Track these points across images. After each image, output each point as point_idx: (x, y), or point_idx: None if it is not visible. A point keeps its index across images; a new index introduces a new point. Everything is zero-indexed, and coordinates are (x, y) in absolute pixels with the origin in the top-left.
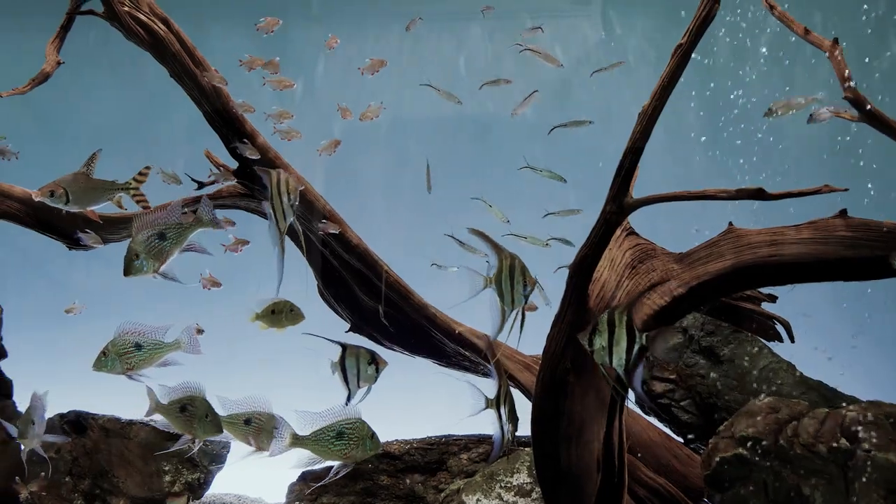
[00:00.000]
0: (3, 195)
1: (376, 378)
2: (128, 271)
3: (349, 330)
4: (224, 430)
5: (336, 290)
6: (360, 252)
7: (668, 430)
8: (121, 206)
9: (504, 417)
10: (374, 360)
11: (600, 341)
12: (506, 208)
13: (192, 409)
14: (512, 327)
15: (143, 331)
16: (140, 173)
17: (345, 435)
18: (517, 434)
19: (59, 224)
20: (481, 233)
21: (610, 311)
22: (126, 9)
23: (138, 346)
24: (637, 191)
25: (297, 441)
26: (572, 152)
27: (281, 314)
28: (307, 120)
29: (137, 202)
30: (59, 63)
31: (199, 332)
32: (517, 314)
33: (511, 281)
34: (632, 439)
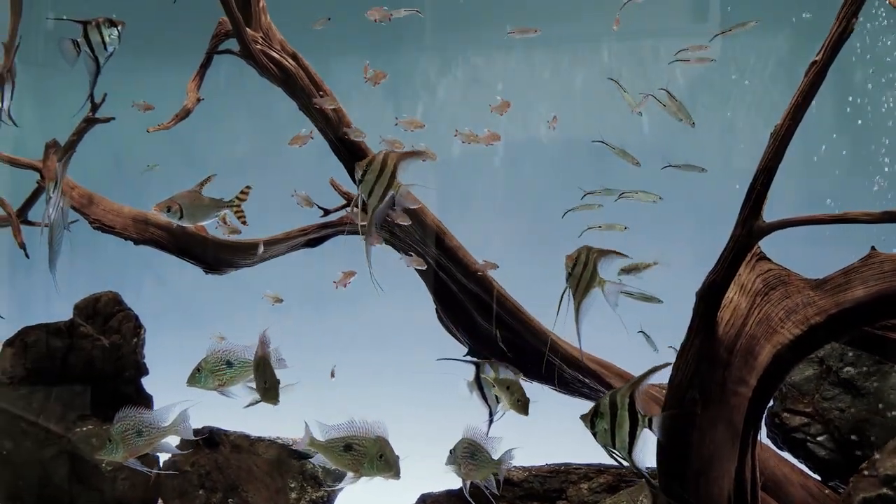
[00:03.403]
0: (148, 223)
1: None
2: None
3: (466, 354)
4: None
5: (454, 314)
6: (479, 277)
7: (803, 467)
8: (225, 222)
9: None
10: None
11: (602, 425)
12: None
13: (361, 448)
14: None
15: (233, 349)
16: (242, 192)
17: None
18: (644, 465)
19: (197, 250)
20: None
21: (612, 393)
22: (259, 47)
23: (229, 364)
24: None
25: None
26: (694, 175)
27: (509, 393)
28: (425, 146)
29: (238, 218)
30: (199, 100)
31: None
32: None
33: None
34: (764, 475)
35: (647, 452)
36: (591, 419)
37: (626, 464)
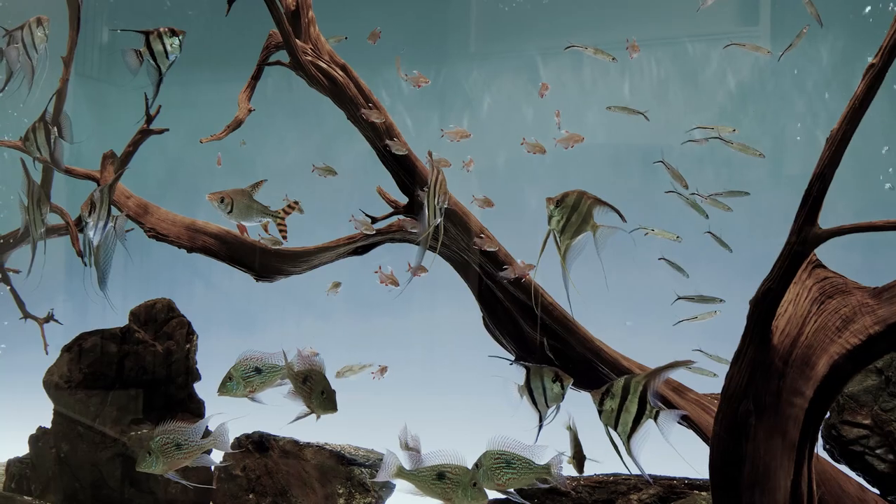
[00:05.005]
0: (200, 231)
1: (563, 396)
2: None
3: (513, 362)
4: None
5: (500, 322)
6: (524, 284)
7: (861, 480)
8: (265, 230)
9: None
10: (559, 377)
11: (610, 404)
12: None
13: (454, 476)
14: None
15: (261, 357)
16: (289, 205)
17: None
18: (694, 477)
19: (247, 258)
20: None
21: (627, 378)
22: (309, 58)
23: (258, 371)
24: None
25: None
26: (745, 181)
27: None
28: (470, 155)
29: (280, 232)
30: (250, 110)
31: (383, 371)
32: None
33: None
34: (821, 488)
35: (644, 453)
36: (600, 397)
37: (624, 456)
